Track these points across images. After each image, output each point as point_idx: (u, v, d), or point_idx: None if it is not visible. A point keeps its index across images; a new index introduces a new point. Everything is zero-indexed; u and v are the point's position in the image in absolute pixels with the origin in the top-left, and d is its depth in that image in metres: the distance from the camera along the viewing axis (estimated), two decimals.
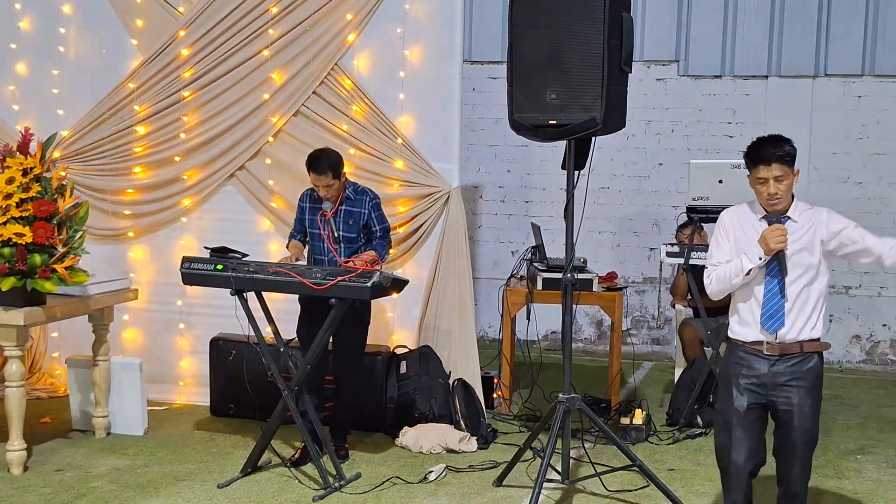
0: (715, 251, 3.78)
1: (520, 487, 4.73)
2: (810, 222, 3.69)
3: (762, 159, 3.64)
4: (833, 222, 3.69)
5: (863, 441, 5.70)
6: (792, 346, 3.64)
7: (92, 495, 4.55)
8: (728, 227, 3.77)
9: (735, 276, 3.64)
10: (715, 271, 3.73)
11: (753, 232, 3.69)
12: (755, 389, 3.67)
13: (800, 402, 3.64)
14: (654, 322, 8.42)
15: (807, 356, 3.66)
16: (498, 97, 6.15)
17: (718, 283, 3.71)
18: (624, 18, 4.32)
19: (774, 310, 3.64)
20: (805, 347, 3.66)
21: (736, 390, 3.70)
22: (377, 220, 5.15)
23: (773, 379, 3.65)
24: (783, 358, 3.64)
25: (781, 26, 7.93)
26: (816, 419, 3.70)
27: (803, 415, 3.65)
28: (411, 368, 5.64)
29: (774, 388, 3.65)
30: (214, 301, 5.65)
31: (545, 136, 4.51)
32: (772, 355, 3.65)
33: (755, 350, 3.67)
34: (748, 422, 3.69)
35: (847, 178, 7.92)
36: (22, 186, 4.77)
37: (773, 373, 3.65)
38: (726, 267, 3.69)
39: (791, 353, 3.64)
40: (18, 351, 4.80)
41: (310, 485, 4.71)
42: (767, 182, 3.63)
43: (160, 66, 6.07)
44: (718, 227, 3.80)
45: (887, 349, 8.02)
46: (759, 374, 3.66)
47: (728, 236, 3.76)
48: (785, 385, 3.65)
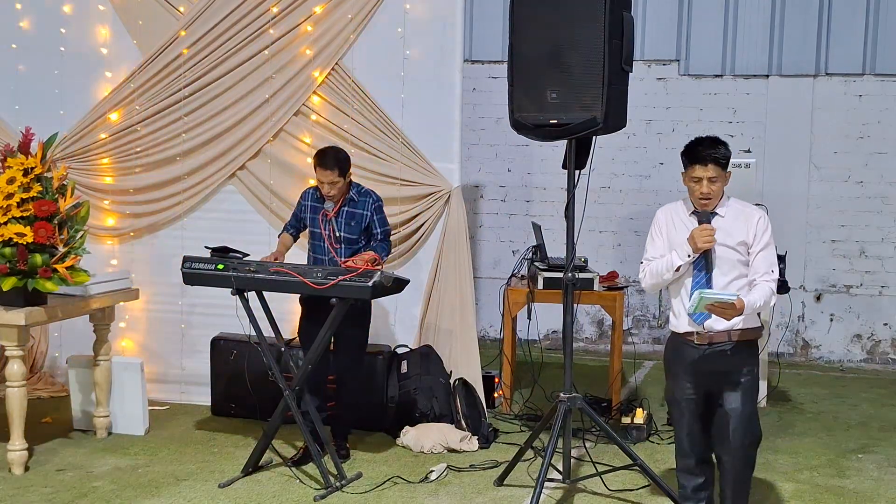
0: (649, 247, 3.99)
1: (521, 487, 4.73)
2: (738, 219, 3.84)
3: (699, 159, 3.80)
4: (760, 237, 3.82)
5: (864, 440, 5.70)
6: (720, 335, 3.80)
7: (93, 495, 4.55)
8: (661, 223, 3.98)
9: (666, 271, 3.85)
10: (648, 266, 3.94)
11: (683, 227, 3.88)
12: (691, 378, 3.88)
13: (728, 388, 3.82)
14: (655, 321, 8.42)
15: (735, 344, 3.81)
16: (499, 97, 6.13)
17: (651, 277, 3.93)
18: (624, 18, 4.32)
19: None
20: (733, 336, 3.81)
21: (674, 380, 3.96)
22: (379, 223, 5.15)
23: (702, 367, 3.84)
24: (712, 346, 3.81)
25: (782, 25, 7.93)
26: (749, 401, 3.84)
27: (732, 397, 3.81)
28: (412, 368, 5.65)
29: (706, 377, 3.85)
30: (215, 301, 5.65)
31: (546, 135, 4.51)
32: (701, 344, 3.83)
33: (688, 340, 3.87)
34: (685, 408, 3.93)
35: (848, 177, 7.91)
36: (23, 186, 4.77)
37: (704, 359, 3.83)
38: (658, 262, 3.89)
39: (719, 341, 3.81)
40: (19, 351, 4.80)
41: (311, 484, 4.72)
42: (701, 182, 3.81)
43: (161, 65, 6.07)
44: (653, 224, 4.01)
45: (888, 348, 8.01)
46: (691, 363, 3.86)
47: (661, 232, 3.96)
48: (714, 373, 3.83)
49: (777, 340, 7.62)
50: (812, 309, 8.04)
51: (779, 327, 7.55)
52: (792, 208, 7.79)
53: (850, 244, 7.93)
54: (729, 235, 3.81)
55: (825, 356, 8.05)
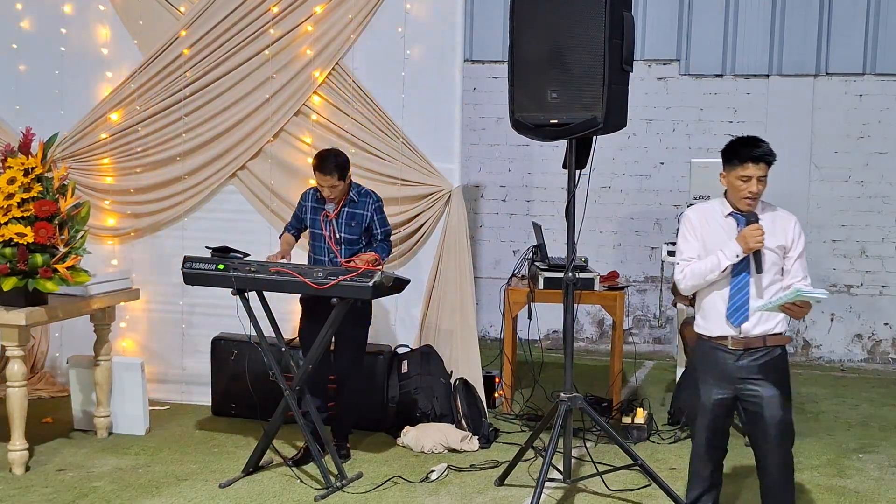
0: (685, 247, 3.89)
1: (521, 487, 4.73)
2: (776, 222, 3.81)
3: (753, 157, 3.73)
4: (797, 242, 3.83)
5: (864, 440, 5.70)
6: (755, 341, 3.76)
7: (93, 495, 4.55)
8: (695, 223, 3.89)
9: (710, 272, 3.76)
10: (689, 267, 3.84)
11: (720, 229, 3.82)
12: (721, 383, 3.81)
13: (767, 393, 3.76)
14: (655, 321, 8.42)
15: (770, 350, 3.78)
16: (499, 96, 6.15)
17: (693, 278, 3.82)
18: (625, 17, 4.32)
19: (740, 304, 3.77)
20: (768, 342, 3.77)
21: (702, 385, 3.86)
22: (379, 224, 5.15)
23: (738, 373, 3.77)
24: (747, 352, 3.76)
25: (783, 25, 7.93)
26: (787, 410, 3.80)
27: (772, 405, 3.75)
28: (413, 368, 5.65)
29: (741, 382, 3.78)
30: (216, 301, 5.65)
31: (546, 135, 4.51)
32: (736, 350, 3.77)
33: (720, 345, 3.80)
34: (713, 415, 3.85)
35: (848, 177, 7.91)
36: (23, 186, 4.77)
37: (738, 367, 3.77)
38: (701, 264, 3.80)
39: (755, 347, 3.76)
40: (20, 351, 4.80)
41: (311, 484, 4.72)
42: (751, 180, 3.73)
43: (161, 65, 6.07)
44: (685, 224, 3.93)
45: (889, 348, 8.01)
46: (724, 368, 3.79)
47: (695, 233, 3.88)
48: (751, 379, 3.76)
49: None
50: (813, 309, 8.00)
51: None
52: (792, 208, 7.58)
53: (851, 244, 7.93)
54: (769, 237, 3.75)
55: (826, 356, 8.05)
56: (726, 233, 3.80)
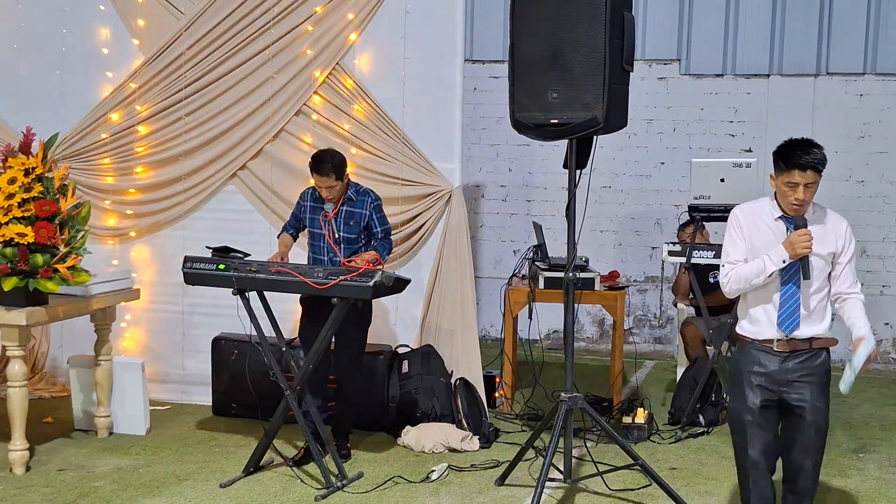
0: (731, 248, 3.75)
1: (522, 486, 4.73)
2: (826, 227, 3.70)
3: (800, 165, 3.58)
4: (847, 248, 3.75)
5: (865, 440, 5.70)
6: (802, 343, 3.69)
7: (94, 495, 4.55)
8: (743, 224, 3.74)
9: (756, 276, 3.63)
10: (734, 270, 3.70)
11: (769, 231, 3.70)
12: (767, 386, 3.70)
13: (812, 397, 3.68)
14: (656, 321, 8.42)
15: (816, 352, 3.72)
16: (499, 96, 6.15)
17: (738, 282, 3.68)
18: (625, 17, 4.31)
19: (791, 311, 3.68)
20: (814, 344, 3.71)
21: (749, 388, 3.72)
22: (378, 222, 5.15)
23: (784, 375, 3.68)
24: (793, 354, 3.69)
25: (783, 25, 7.94)
26: (828, 414, 3.75)
27: (817, 410, 3.69)
28: (413, 368, 5.64)
29: (786, 385, 3.69)
30: (216, 301, 5.64)
31: (547, 135, 4.50)
32: (782, 352, 3.68)
33: (766, 347, 3.70)
34: (762, 419, 3.71)
35: (849, 176, 7.91)
36: (24, 186, 4.77)
37: (784, 369, 3.68)
38: (746, 267, 3.67)
39: (801, 349, 3.69)
40: (21, 351, 4.80)
41: (312, 484, 4.72)
42: (797, 187, 3.59)
43: (162, 65, 6.07)
44: (733, 224, 3.76)
45: (889, 348, 8.01)
46: (769, 370, 3.69)
47: (743, 233, 3.73)
48: (796, 381, 3.68)
49: None
50: None
51: None
52: None
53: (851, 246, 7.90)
54: (819, 243, 3.65)
55: None
56: (775, 236, 3.67)
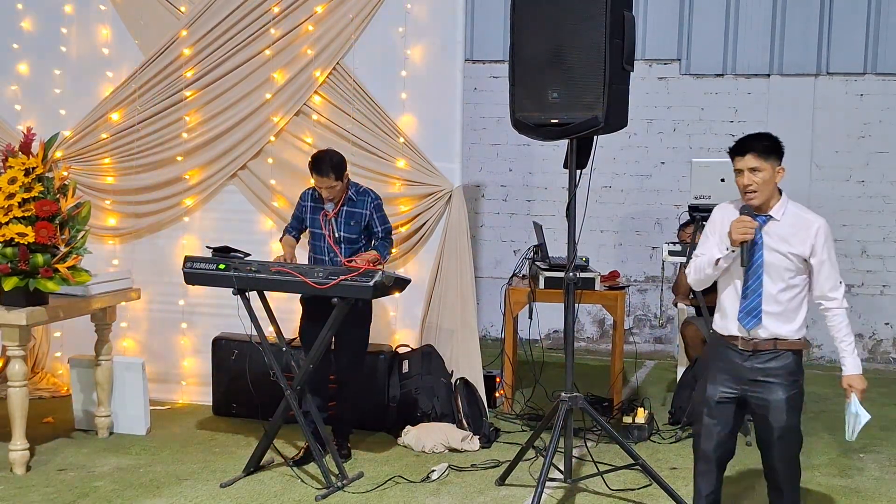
0: (701, 244, 3.90)
1: (522, 486, 4.73)
2: (797, 228, 3.73)
3: (737, 150, 3.73)
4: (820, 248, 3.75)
5: (865, 440, 5.69)
6: (765, 344, 3.71)
7: (94, 495, 4.55)
8: (716, 221, 3.86)
9: (707, 266, 3.76)
10: (695, 261, 3.86)
11: None
12: (728, 382, 3.77)
13: (773, 397, 3.70)
14: (656, 321, 8.42)
15: (780, 353, 3.72)
16: (500, 96, 6.14)
17: (695, 272, 3.84)
18: (626, 17, 4.31)
19: (752, 307, 3.71)
20: (779, 345, 3.71)
21: (710, 381, 3.82)
22: (379, 221, 5.15)
23: (745, 374, 3.73)
24: (756, 354, 3.72)
25: (783, 25, 7.93)
26: (793, 414, 3.73)
27: (777, 409, 3.70)
28: (413, 368, 5.64)
29: (748, 383, 3.74)
30: (217, 300, 5.65)
31: (547, 135, 4.51)
32: (745, 350, 3.73)
33: (731, 344, 3.76)
34: (718, 412, 3.78)
35: (849, 176, 7.91)
36: (24, 186, 4.77)
37: (746, 367, 3.73)
38: (701, 258, 3.81)
39: (764, 349, 3.71)
40: (21, 350, 4.80)
41: (312, 484, 4.72)
42: (742, 173, 3.71)
43: (162, 65, 6.07)
44: (708, 223, 3.91)
45: (890, 347, 8.01)
46: (732, 367, 3.75)
47: (715, 230, 3.84)
48: (757, 381, 3.72)
49: None
50: (813, 308, 8.00)
51: None
52: None
53: (852, 243, 7.92)
54: (784, 242, 3.67)
55: (826, 355, 8.04)
56: None
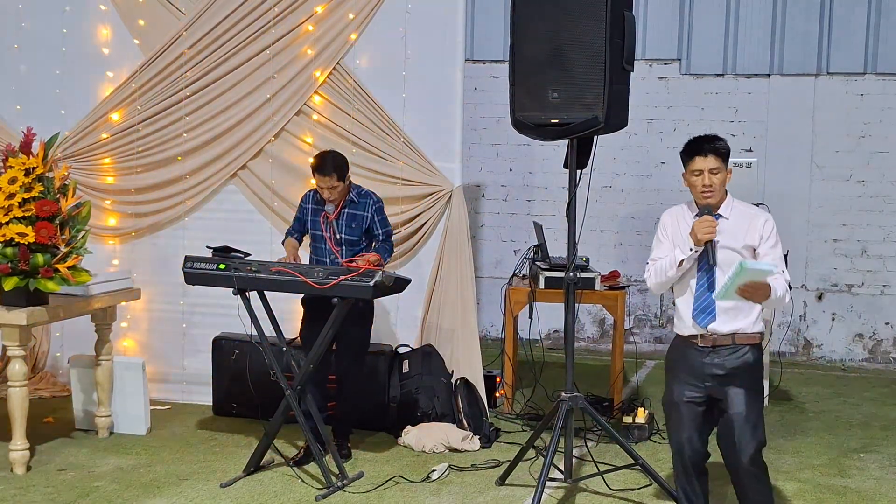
0: (655, 248, 3.96)
1: (522, 486, 4.73)
2: (745, 222, 3.80)
3: (699, 151, 3.79)
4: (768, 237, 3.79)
5: (865, 440, 5.70)
6: (724, 339, 3.77)
7: (95, 495, 4.55)
8: (667, 225, 3.96)
9: (669, 268, 3.81)
10: (653, 265, 3.90)
11: (689, 228, 3.84)
12: (692, 382, 3.82)
13: (732, 391, 3.75)
14: (656, 321, 8.42)
15: (739, 348, 3.77)
16: (500, 96, 6.14)
17: (656, 276, 3.89)
18: (626, 17, 4.32)
19: (706, 304, 3.78)
20: (737, 339, 3.77)
21: (674, 382, 3.89)
22: (380, 224, 5.15)
23: (706, 370, 3.78)
24: (715, 349, 3.77)
25: (784, 24, 7.93)
26: (754, 408, 3.77)
27: (736, 403, 3.74)
28: (414, 368, 5.65)
29: (709, 379, 3.79)
30: (217, 300, 5.65)
31: (547, 135, 4.51)
32: (704, 347, 3.78)
33: (690, 343, 3.82)
34: (684, 412, 3.85)
35: (850, 176, 7.91)
36: (24, 186, 4.78)
37: (705, 363, 3.78)
38: (662, 261, 3.86)
39: (722, 344, 3.77)
40: (21, 350, 4.80)
41: (312, 484, 4.72)
42: (703, 174, 3.78)
43: (162, 65, 6.07)
44: (658, 227, 4.00)
45: (890, 347, 8.01)
46: (693, 366, 3.81)
47: (667, 234, 3.93)
48: (716, 375, 3.77)
49: (779, 340, 7.62)
50: (814, 308, 8.04)
51: (780, 326, 7.55)
52: (793, 208, 7.79)
53: (852, 243, 7.93)
54: (733, 238, 3.77)
55: (827, 355, 8.05)
56: None
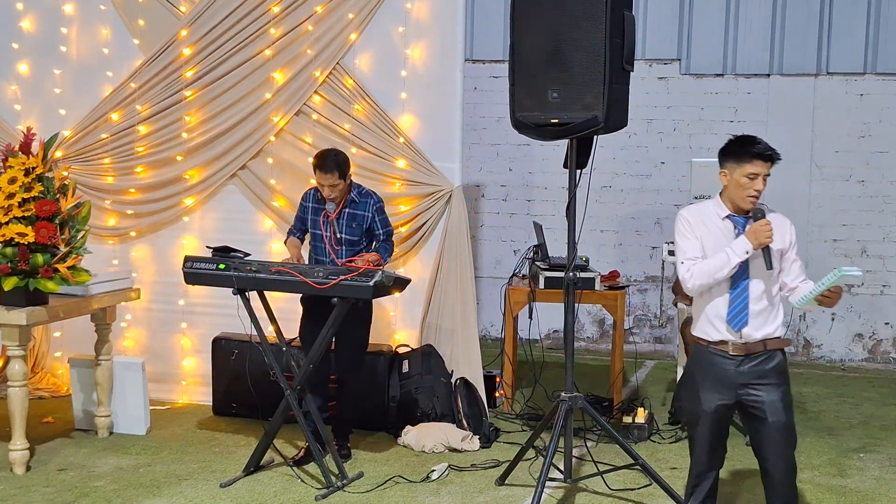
0: (686, 246, 3.80)
1: (522, 486, 4.73)
2: (776, 226, 3.74)
3: (761, 156, 3.68)
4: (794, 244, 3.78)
5: (865, 440, 5.70)
6: (756, 346, 3.71)
7: (94, 495, 4.55)
8: (692, 223, 3.82)
9: (719, 270, 3.68)
10: (696, 266, 3.74)
11: (717, 230, 3.77)
12: (721, 390, 3.75)
13: (769, 396, 3.71)
14: (656, 321, 8.42)
15: (770, 354, 3.74)
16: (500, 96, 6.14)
17: (701, 277, 3.72)
18: (626, 17, 4.32)
19: (740, 307, 3.72)
20: (768, 345, 3.73)
21: (703, 391, 3.79)
22: (381, 224, 5.15)
23: (739, 378, 3.72)
24: (748, 357, 3.72)
25: (783, 24, 7.93)
26: (790, 414, 3.76)
27: (775, 409, 3.70)
28: (413, 367, 5.64)
29: (742, 388, 3.73)
30: (217, 300, 5.65)
31: (547, 134, 4.51)
32: (737, 355, 3.72)
33: (720, 350, 3.75)
34: (714, 422, 3.79)
35: (849, 176, 7.91)
36: (24, 186, 4.77)
37: (739, 372, 3.72)
38: (708, 262, 3.72)
39: (755, 352, 3.72)
40: (21, 350, 4.80)
41: (312, 484, 4.72)
42: (758, 178, 3.69)
43: (162, 65, 6.07)
44: (682, 224, 3.84)
45: (889, 347, 8.01)
46: (723, 374, 3.73)
47: (693, 232, 3.80)
48: (751, 384, 3.71)
49: None
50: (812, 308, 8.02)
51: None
52: (793, 207, 7.77)
53: (852, 243, 7.93)
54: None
55: (826, 355, 8.05)
56: (724, 235, 3.75)
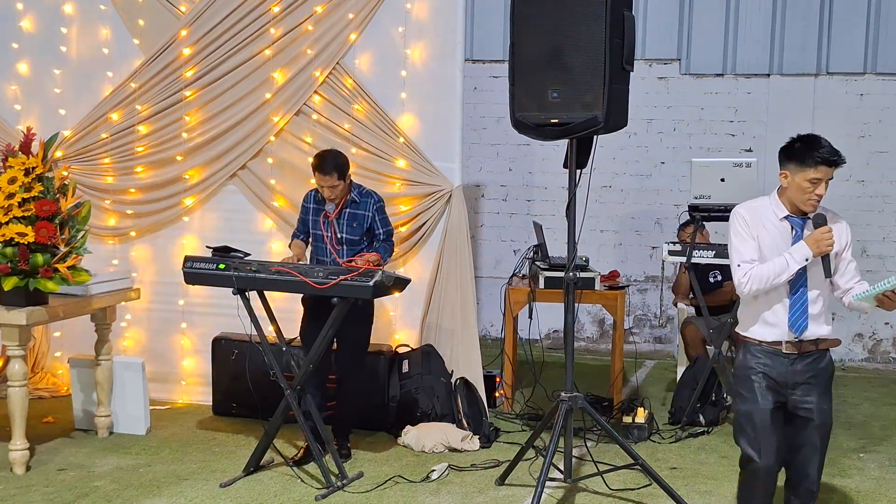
0: (743, 248, 3.66)
1: (522, 486, 4.73)
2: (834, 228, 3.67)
3: (830, 161, 3.59)
4: (850, 245, 3.74)
5: (865, 440, 5.70)
6: (809, 345, 3.67)
7: (94, 495, 4.55)
8: (750, 222, 3.67)
9: (777, 276, 3.57)
10: (753, 270, 3.61)
11: (775, 230, 3.66)
12: (776, 388, 3.67)
13: (818, 399, 3.68)
14: (656, 321, 8.42)
15: (822, 354, 3.71)
16: (500, 96, 6.15)
17: (758, 282, 3.59)
18: (626, 17, 4.32)
19: (801, 312, 3.65)
20: (821, 345, 3.69)
21: (759, 391, 3.66)
22: (381, 224, 5.15)
23: (792, 378, 3.66)
24: (801, 356, 3.66)
25: (783, 24, 7.93)
26: (831, 409, 3.75)
27: (823, 412, 3.69)
28: (413, 367, 5.64)
29: (793, 387, 3.67)
30: (216, 300, 5.65)
31: (547, 134, 4.51)
32: (791, 354, 3.66)
33: (774, 349, 3.67)
34: (772, 422, 3.67)
35: (849, 176, 7.90)
36: (24, 186, 4.77)
37: (792, 371, 3.66)
38: (766, 267, 3.59)
39: (808, 351, 3.67)
40: (21, 350, 4.80)
41: (312, 484, 4.72)
42: (820, 183, 3.60)
43: (162, 65, 6.07)
44: (739, 223, 3.69)
45: (889, 347, 8.01)
46: (778, 373, 3.66)
47: (751, 232, 3.67)
48: (803, 384, 3.67)
49: None
50: None
51: None
52: None
53: (852, 243, 7.90)
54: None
55: None
56: (781, 235, 3.64)
